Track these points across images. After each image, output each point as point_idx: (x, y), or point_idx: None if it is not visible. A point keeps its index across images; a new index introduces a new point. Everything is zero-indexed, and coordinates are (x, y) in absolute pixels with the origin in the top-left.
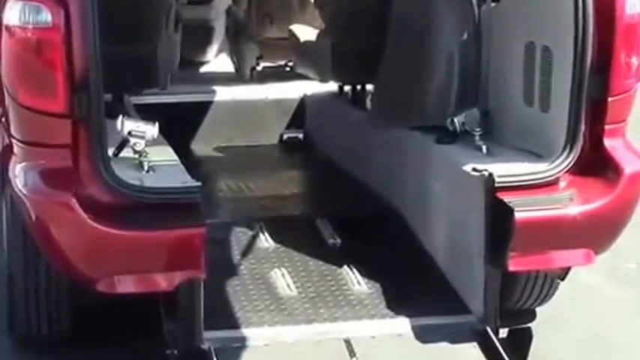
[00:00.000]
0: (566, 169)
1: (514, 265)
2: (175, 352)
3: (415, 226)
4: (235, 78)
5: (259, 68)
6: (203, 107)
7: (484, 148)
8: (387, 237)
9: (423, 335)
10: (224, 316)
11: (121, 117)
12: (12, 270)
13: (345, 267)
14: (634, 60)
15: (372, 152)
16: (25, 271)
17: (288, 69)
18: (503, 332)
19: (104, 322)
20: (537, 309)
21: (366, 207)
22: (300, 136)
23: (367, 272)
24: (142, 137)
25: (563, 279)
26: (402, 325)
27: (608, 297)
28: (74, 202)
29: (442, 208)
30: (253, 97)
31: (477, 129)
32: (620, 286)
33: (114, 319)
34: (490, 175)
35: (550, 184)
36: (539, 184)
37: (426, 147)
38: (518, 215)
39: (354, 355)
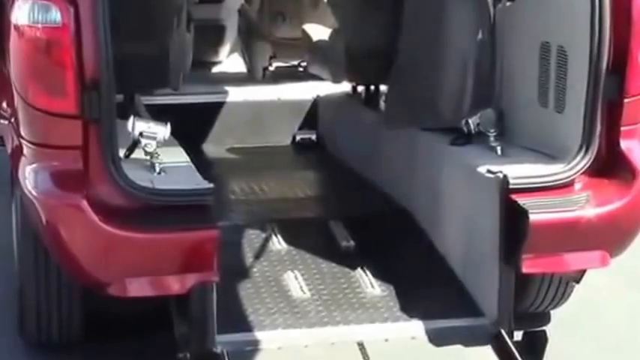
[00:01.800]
0: (581, 171)
1: (528, 267)
2: (188, 355)
3: (428, 228)
4: (247, 78)
5: (272, 68)
6: (215, 108)
7: (498, 149)
8: (400, 239)
9: (436, 338)
10: (237, 319)
11: (132, 118)
12: (22, 274)
13: (359, 269)
14: None
15: (386, 154)
16: (35, 276)
17: (300, 69)
18: (518, 335)
19: (115, 325)
20: (552, 311)
21: (379, 209)
22: (313, 137)
23: (380, 275)
24: (154, 138)
25: (578, 282)
26: (416, 328)
27: (624, 298)
28: (85, 204)
29: (456, 210)
30: (266, 98)
31: (492, 130)
32: (636, 288)
33: (125, 322)
34: (505, 176)
35: (565, 186)
36: (554, 186)
37: (440, 148)
38: (533, 217)
39: (368, 358)
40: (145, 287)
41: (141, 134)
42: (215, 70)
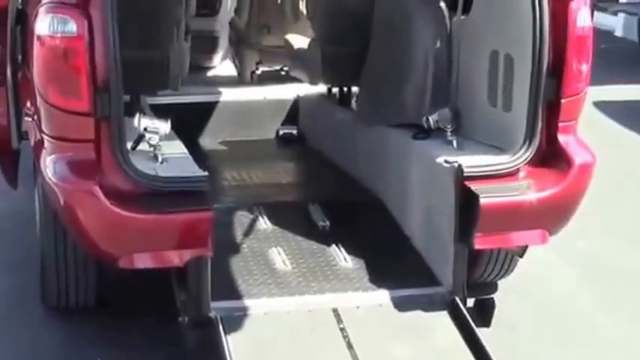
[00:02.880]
0: (525, 162)
1: (479, 244)
2: (186, 319)
3: (394, 211)
4: (237, 81)
5: (258, 72)
6: (209, 107)
7: (454, 142)
8: (370, 220)
9: (400, 305)
10: (228, 289)
11: (138, 115)
12: (43, 248)
13: (333, 246)
14: (584, 67)
15: (358, 146)
16: (55, 250)
17: (283, 73)
18: (470, 302)
19: (125, 295)
20: (499, 282)
21: (352, 194)
22: (294, 132)
23: (352, 251)
24: (156, 133)
25: (521, 256)
26: (383, 296)
27: (557, 272)
28: (97, 189)
29: (418, 195)
30: (253, 98)
31: (449, 126)
32: (566, 261)
33: (134, 291)
34: (459, 166)
35: (511, 174)
36: (501, 174)
37: (404, 142)
38: (483, 201)
39: (341, 322)
40: (149, 260)
41: (145, 129)
42: (209, 74)
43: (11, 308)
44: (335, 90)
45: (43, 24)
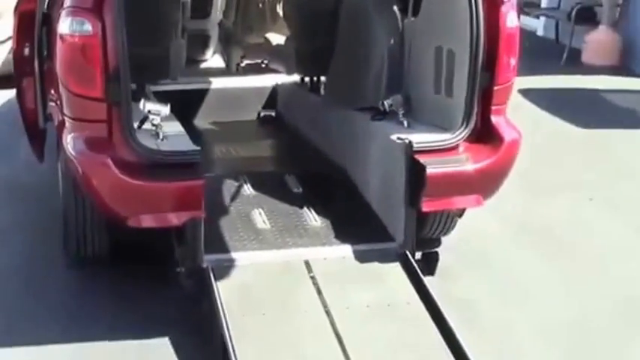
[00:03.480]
0: (463, 138)
1: (426, 207)
2: (183, 269)
3: (356, 180)
4: (225, 72)
5: (243, 65)
6: (202, 93)
7: (405, 123)
8: (336, 187)
9: (361, 257)
10: (218, 244)
11: (142, 100)
12: (65, 210)
13: (305, 209)
14: (512, 60)
15: (326, 126)
16: (75, 211)
17: (263, 65)
18: (418, 255)
19: (133, 250)
20: (442, 238)
21: (321, 166)
22: (273, 114)
23: (321, 213)
24: (158, 115)
25: (460, 216)
26: (346, 250)
27: (489, 229)
28: (109, 161)
29: (375, 166)
30: (238, 86)
31: (401, 109)
32: (497, 220)
33: (141, 247)
34: (410, 142)
35: (452, 148)
36: (444, 149)
37: (365, 122)
38: (429, 171)
39: (311, 271)
40: (152, 221)
41: (149, 112)
42: (202, 66)
43: (34, 263)
44: (307, 79)
45: (64, 25)
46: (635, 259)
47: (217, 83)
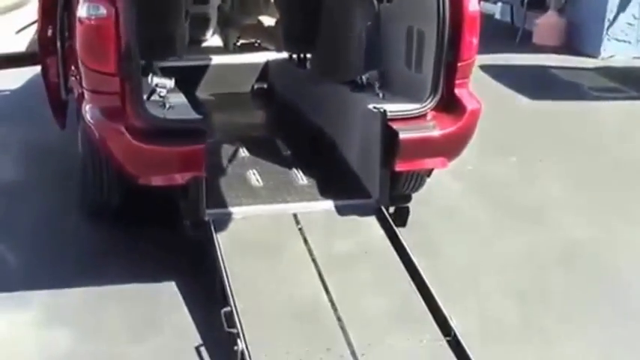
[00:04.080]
0: (431, 108)
1: (399, 167)
2: (188, 222)
3: (339, 144)
4: (223, 50)
5: (238, 44)
6: (203, 69)
7: (381, 94)
8: (321, 150)
9: (341, 211)
10: (218, 200)
11: (151, 75)
12: (83, 168)
13: (294, 169)
14: (474, 40)
15: (312, 97)
16: (92, 171)
17: (257, 44)
18: (392, 210)
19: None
20: (413, 195)
21: (308, 132)
22: (265, 86)
23: (307, 172)
24: (164, 87)
25: (429, 176)
26: (328, 205)
27: (453, 187)
28: (123, 128)
29: (355, 132)
30: (234, 62)
31: (377, 83)
32: (460, 179)
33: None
34: (384, 111)
35: (421, 116)
36: (414, 117)
37: (345, 94)
38: (402, 136)
39: (299, 223)
40: (160, 179)
41: (156, 85)
42: (203, 45)
43: (51, 216)
44: (295, 56)
45: (82, 9)
46: (572, 209)
47: (216, 60)
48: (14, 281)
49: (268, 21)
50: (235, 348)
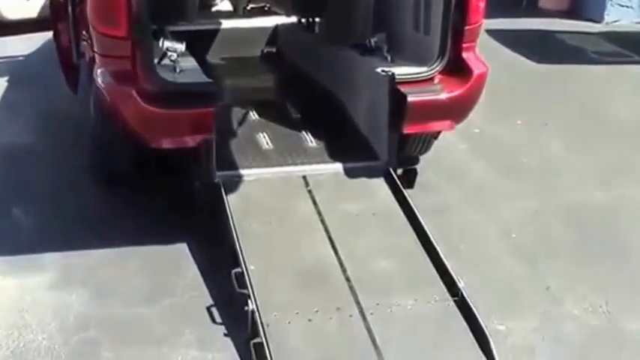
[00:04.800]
0: (438, 71)
1: (407, 129)
2: (199, 184)
3: (348, 107)
4: (233, 14)
5: (248, 8)
6: (213, 33)
7: (389, 58)
8: (330, 113)
9: (350, 173)
10: (228, 162)
11: (162, 39)
12: (94, 131)
13: (303, 132)
14: (481, 4)
15: (320, 60)
16: (102, 132)
17: (266, 8)
18: (400, 171)
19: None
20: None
21: (317, 94)
22: (274, 50)
23: (316, 135)
24: (175, 51)
25: (436, 138)
26: (338, 167)
27: (461, 148)
28: (133, 91)
29: (363, 95)
30: (245, 26)
31: (385, 46)
32: (467, 141)
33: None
34: (392, 74)
35: (428, 80)
36: (421, 80)
37: (354, 57)
38: (410, 99)
39: (308, 185)
40: (171, 142)
41: (167, 49)
42: (213, 9)
43: (64, 179)
44: (303, 20)
45: None
46: (577, 171)
47: (226, 24)
48: (29, 244)
49: None
50: (246, 308)
